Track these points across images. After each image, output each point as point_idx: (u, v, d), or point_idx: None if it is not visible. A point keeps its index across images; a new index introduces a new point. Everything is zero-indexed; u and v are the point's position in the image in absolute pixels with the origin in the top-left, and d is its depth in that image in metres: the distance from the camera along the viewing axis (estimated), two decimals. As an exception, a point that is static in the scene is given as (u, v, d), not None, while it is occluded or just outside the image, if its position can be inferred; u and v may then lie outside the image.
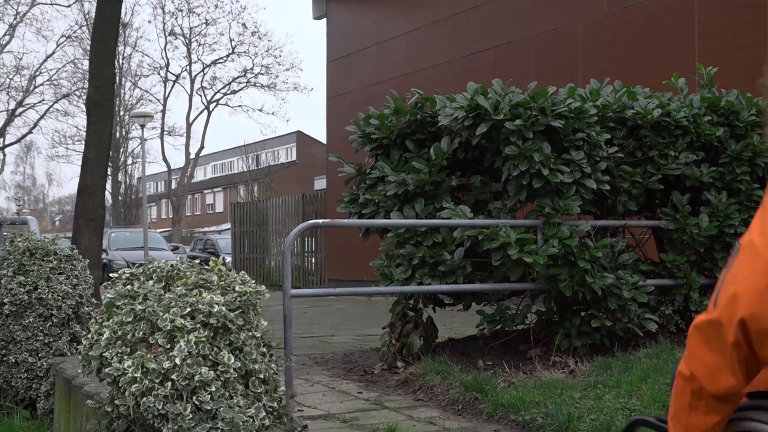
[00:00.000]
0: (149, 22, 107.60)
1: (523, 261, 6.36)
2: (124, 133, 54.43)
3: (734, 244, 2.00)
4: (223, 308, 2.73)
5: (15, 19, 47.22)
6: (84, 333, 4.82)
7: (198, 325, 2.69)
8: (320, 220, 6.23)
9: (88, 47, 44.46)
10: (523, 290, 6.96)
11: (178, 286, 2.83)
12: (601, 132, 6.74)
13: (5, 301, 4.69)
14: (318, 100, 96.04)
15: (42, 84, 50.58)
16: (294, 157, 69.21)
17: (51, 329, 4.71)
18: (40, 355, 4.67)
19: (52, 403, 4.51)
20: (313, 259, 22.33)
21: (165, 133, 54.52)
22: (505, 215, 6.75)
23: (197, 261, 3.86)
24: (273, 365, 2.85)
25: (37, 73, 49.84)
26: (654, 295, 7.00)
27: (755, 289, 1.87)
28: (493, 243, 6.37)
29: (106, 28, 14.29)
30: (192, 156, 53.83)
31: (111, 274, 3.28)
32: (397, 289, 6.81)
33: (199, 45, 60.81)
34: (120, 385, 2.65)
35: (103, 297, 2.90)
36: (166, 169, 56.63)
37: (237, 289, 2.85)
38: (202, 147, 53.84)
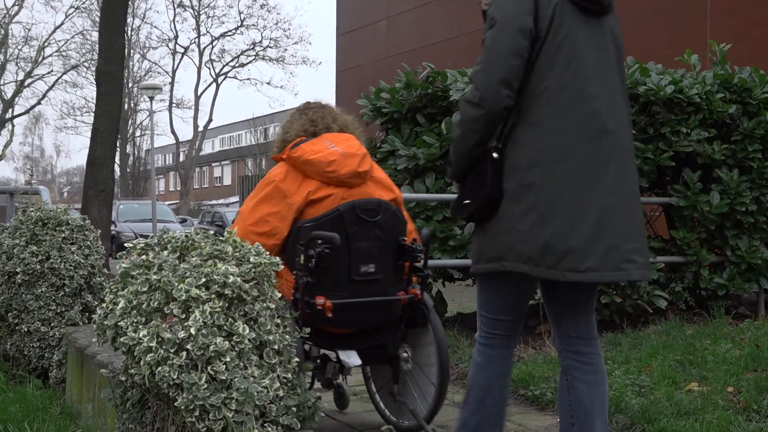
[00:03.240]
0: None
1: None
2: (132, 105, 54.43)
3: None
4: (238, 279, 2.73)
5: (24, -11, 47.13)
6: (96, 303, 4.85)
7: (213, 296, 2.70)
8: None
9: (97, 19, 44.40)
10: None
11: (193, 257, 2.84)
12: (613, 108, 6.70)
13: (18, 270, 4.70)
14: (327, 74, 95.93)
15: (51, 55, 50.60)
16: (302, 131, 69.13)
17: (63, 299, 4.73)
18: (52, 324, 4.69)
19: (65, 373, 4.54)
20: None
21: (173, 105, 54.50)
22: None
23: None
24: (287, 336, 2.85)
25: (46, 44, 49.78)
26: (664, 272, 6.99)
27: None
28: (504, 218, 6.37)
29: (116, 1, 14.27)
30: (200, 129, 53.83)
31: (126, 244, 3.13)
32: (407, 264, 6.80)
33: (208, 17, 60.73)
34: (135, 354, 2.66)
35: (117, 267, 2.91)
36: (174, 141, 56.67)
37: (252, 260, 2.85)
38: (210, 120, 53.80)
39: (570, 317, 3.32)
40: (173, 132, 55.41)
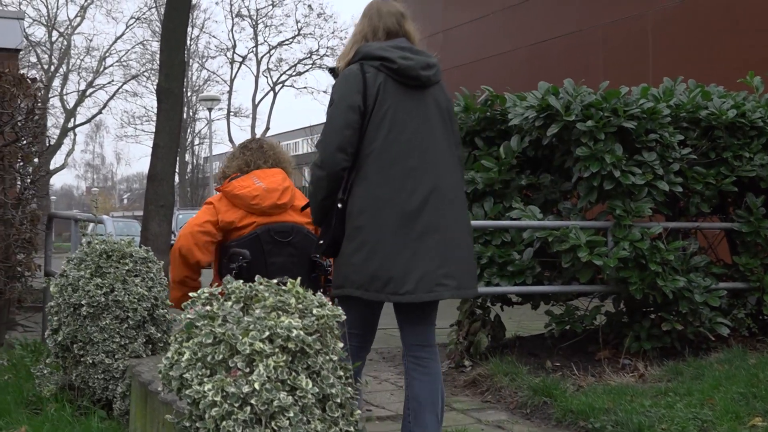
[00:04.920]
0: (216, 3, 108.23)
1: (593, 263, 6.32)
2: (191, 113, 54.91)
3: None
4: (301, 332, 2.76)
5: (86, 0, 47.85)
6: (159, 335, 4.92)
7: (276, 350, 2.72)
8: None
9: (157, 29, 45.00)
10: (593, 292, 6.91)
11: (256, 309, 2.87)
12: (674, 133, 6.65)
13: (83, 302, 4.77)
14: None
15: (112, 65, 51.18)
16: (358, 139, 69.20)
17: (127, 331, 4.79)
18: (116, 356, 4.75)
19: (128, 405, 4.59)
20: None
21: (231, 114, 54.89)
22: (576, 216, 6.70)
23: None
24: (349, 388, 2.87)
25: (107, 54, 50.47)
26: (726, 298, 6.91)
27: None
28: (563, 245, 6.34)
29: (177, 17, 14.37)
30: (257, 137, 54.16)
31: None
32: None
33: (266, 26, 61.13)
34: (200, 407, 2.69)
35: (182, 317, 2.95)
36: (232, 149, 57.06)
37: (315, 312, 2.87)
38: (267, 128, 54.11)
39: (409, 328, 4.13)
40: (231, 140, 55.81)
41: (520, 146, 6.84)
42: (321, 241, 4.11)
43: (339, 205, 4.00)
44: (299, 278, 3.09)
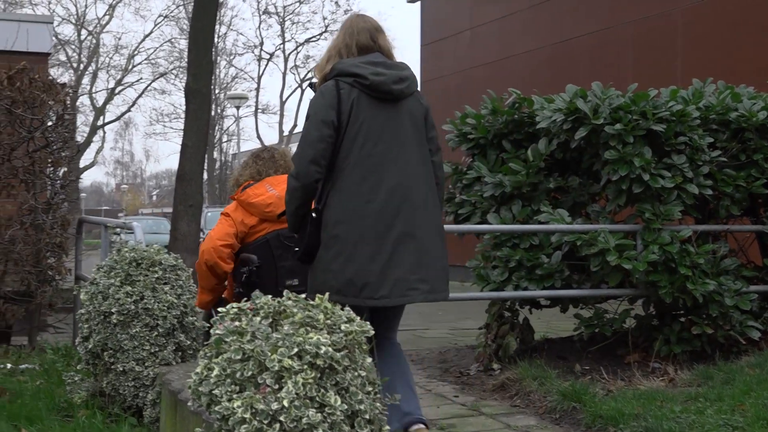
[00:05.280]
0: (244, 0, 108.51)
1: (622, 267, 6.29)
2: (219, 111, 55.08)
3: None
4: (330, 349, 2.76)
5: (114, -1, 48.11)
6: (188, 342, 4.94)
7: (305, 366, 2.73)
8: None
9: (185, 26, 45.21)
10: (622, 295, 6.88)
11: (284, 325, 2.88)
12: (703, 135, 6.61)
13: (113, 310, 4.81)
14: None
15: (140, 63, 51.57)
16: (387, 134, 68.97)
17: (157, 339, 4.82)
18: (146, 364, 4.78)
19: (158, 412, 4.62)
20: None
21: (259, 111, 55.03)
22: (604, 219, 6.67)
23: None
24: (378, 404, 2.87)
25: (136, 52, 50.78)
26: (757, 301, 6.86)
27: None
28: (592, 248, 6.31)
29: (204, 19, 14.48)
30: (285, 134, 54.28)
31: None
32: (494, 295, 6.78)
33: (293, 23, 61.10)
34: (230, 423, 2.71)
35: (211, 332, 2.97)
36: (260, 146, 57.21)
37: (343, 328, 2.88)
38: (295, 125, 54.15)
39: (384, 324, 4.35)
40: (259, 137, 55.98)
41: (548, 149, 6.82)
42: (296, 248, 4.39)
43: (313, 215, 4.24)
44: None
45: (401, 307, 4.44)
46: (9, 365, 6.43)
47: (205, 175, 52.49)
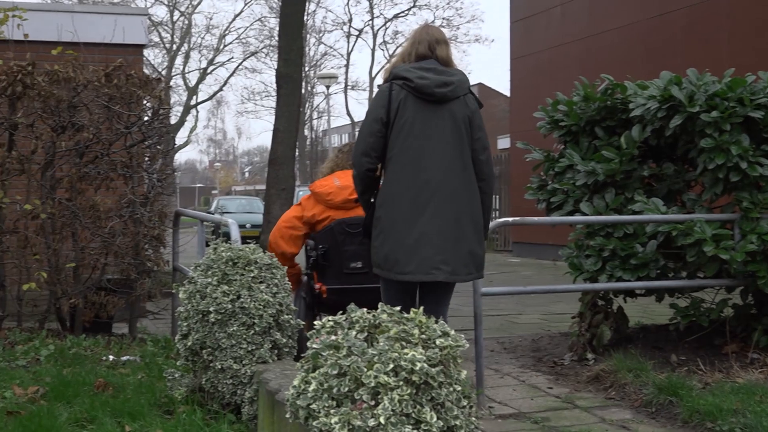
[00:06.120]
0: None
1: (719, 257, 6.18)
2: (309, 88, 55.46)
3: None
4: (425, 365, 2.78)
5: (204, -20, 48.65)
6: (284, 340, 5.01)
7: (401, 382, 2.76)
8: (510, 219, 6.23)
9: (275, 5, 45.42)
10: (719, 286, 6.76)
11: (380, 341, 2.91)
12: (804, 121, 6.43)
13: (211, 309, 4.89)
14: (499, 53, 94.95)
15: (231, 42, 52.34)
16: (476, 109, 68.38)
17: (254, 337, 4.89)
18: (244, 362, 4.86)
19: (256, 409, 4.71)
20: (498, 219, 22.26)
21: (348, 87, 55.28)
22: (700, 208, 6.55)
23: None
24: (473, 418, 2.89)
25: (227, 32, 51.40)
26: None
27: None
28: (688, 239, 6.21)
29: (294, 5, 14.55)
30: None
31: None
32: (588, 287, 6.73)
33: (382, -1, 61.08)
34: (328, 438, 2.75)
35: (307, 345, 3.02)
36: (349, 122, 57.47)
37: (438, 343, 2.89)
38: (384, 101, 54.15)
39: (432, 299, 4.98)
40: (348, 114, 56.28)
41: (642, 136, 6.71)
42: (363, 227, 5.16)
43: (372, 200, 5.01)
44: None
45: (444, 286, 4.98)
46: (111, 357, 6.60)
47: (297, 151, 52.87)
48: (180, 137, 50.87)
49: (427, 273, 4.76)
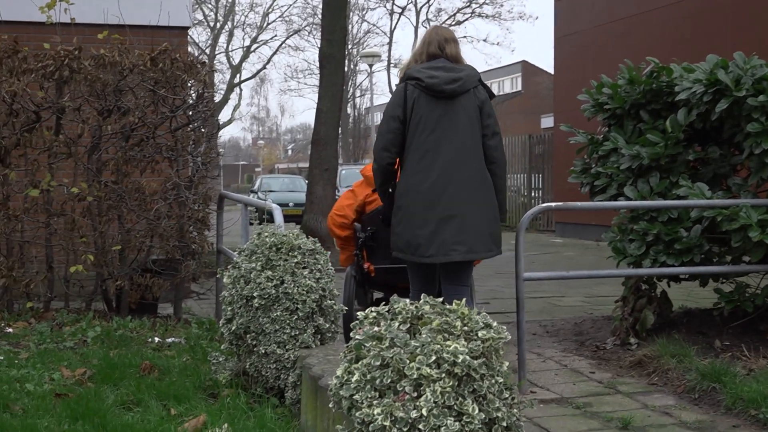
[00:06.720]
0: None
1: (765, 243, 6.12)
2: (352, 66, 55.44)
3: None
4: (468, 357, 2.80)
5: (249, -42, 48.73)
6: (327, 326, 5.06)
7: (443, 374, 2.78)
8: (553, 204, 6.19)
9: (318, -17, 45.26)
10: (764, 271, 6.70)
11: (422, 332, 2.93)
12: None
13: (255, 294, 4.95)
14: (542, 30, 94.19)
15: (274, 21, 52.53)
16: (519, 87, 68.27)
17: (297, 322, 4.94)
18: (287, 347, 4.91)
19: (299, 394, 4.76)
20: (541, 200, 22.22)
21: (391, 65, 55.13)
22: (746, 193, 6.49)
23: None
24: (515, 410, 2.91)
25: (270, 10, 51.61)
26: None
27: None
28: (733, 224, 6.16)
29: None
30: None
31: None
32: (632, 272, 6.70)
33: (425, -24, 60.77)
34: (370, 429, 2.78)
35: (351, 335, 3.06)
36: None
37: (480, 335, 2.91)
38: (427, 79, 53.98)
39: (451, 277, 5.50)
40: (391, 92, 56.03)
41: (687, 119, 6.65)
42: (381, 216, 5.79)
43: (390, 190, 5.53)
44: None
45: (461, 264, 5.41)
46: (157, 339, 6.69)
47: (339, 129, 52.99)
48: (224, 115, 51.16)
49: (446, 254, 5.23)
